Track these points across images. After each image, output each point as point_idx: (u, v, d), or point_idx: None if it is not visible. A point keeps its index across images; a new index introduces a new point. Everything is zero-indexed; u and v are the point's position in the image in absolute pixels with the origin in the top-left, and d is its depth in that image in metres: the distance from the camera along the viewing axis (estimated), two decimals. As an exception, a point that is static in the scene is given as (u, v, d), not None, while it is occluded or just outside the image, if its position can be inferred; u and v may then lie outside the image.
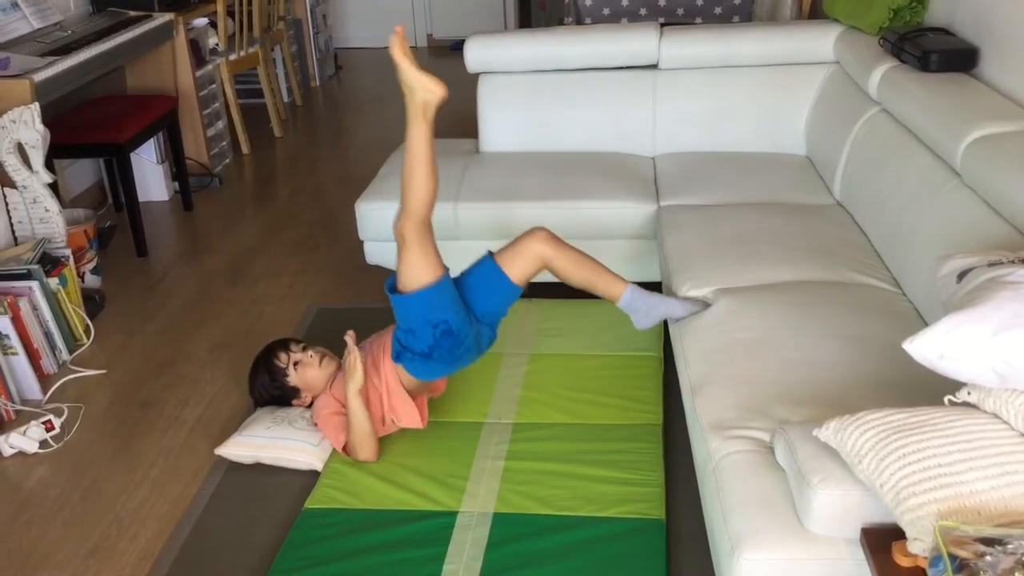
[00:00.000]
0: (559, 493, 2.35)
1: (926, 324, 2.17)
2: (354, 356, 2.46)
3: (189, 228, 4.35)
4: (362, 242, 3.36)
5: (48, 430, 2.75)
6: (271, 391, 2.67)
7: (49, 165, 3.38)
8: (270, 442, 2.54)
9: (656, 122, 3.57)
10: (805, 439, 1.70)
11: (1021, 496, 1.41)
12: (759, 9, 4.91)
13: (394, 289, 2.42)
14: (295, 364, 2.64)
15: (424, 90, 2.29)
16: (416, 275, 2.36)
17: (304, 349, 2.66)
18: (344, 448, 2.51)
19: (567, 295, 3.32)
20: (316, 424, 2.56)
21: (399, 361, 2.47)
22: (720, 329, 2.31)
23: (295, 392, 2.65)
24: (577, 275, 2.54)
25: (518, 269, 2.51)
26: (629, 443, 2.52)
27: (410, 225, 2.34)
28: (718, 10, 5.05)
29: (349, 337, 2.51)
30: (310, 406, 2.65)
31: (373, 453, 2.49)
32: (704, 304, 2.46)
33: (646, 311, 2.51)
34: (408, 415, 2.53)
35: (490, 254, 2.55)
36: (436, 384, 2.66)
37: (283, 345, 2.68)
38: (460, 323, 2.42)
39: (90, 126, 3.93)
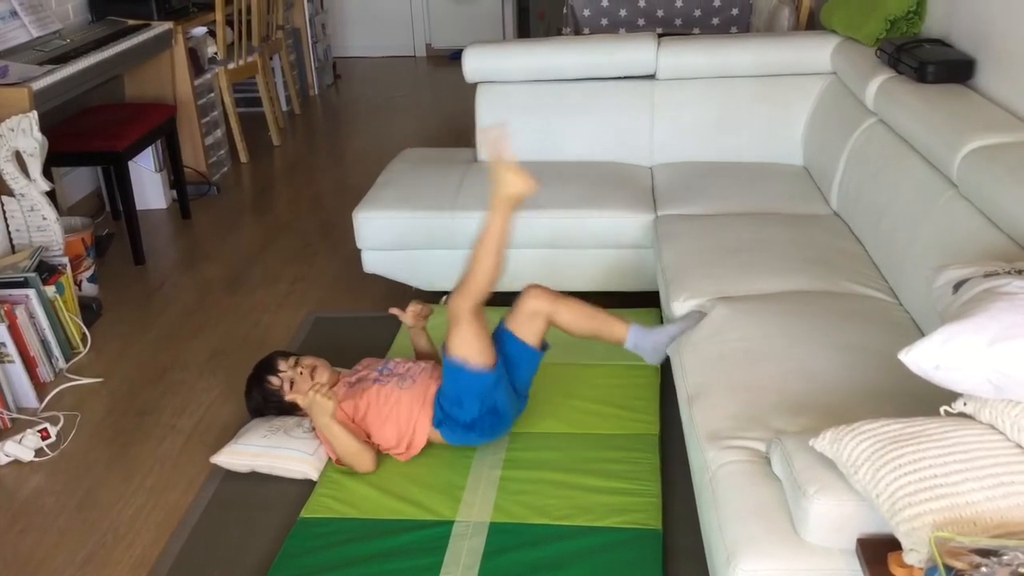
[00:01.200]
0: (555, 503, 2.35)
1: (923, 334, 2.17)
2: (316, 391, 2.45)
3: (187, 236, 4.35)
4: (360, 250, 3.36)
5: (44, 438, 2.74)
6: (269, 410, 2.67)
7: (47, 173, 3.38)
8: (265, 451, 2.53)
9: (654, 132, 3.58)
10: (801, 449, 1.70)
11: (1017, 507, 1.41)
12: (756, 20, 4.92)
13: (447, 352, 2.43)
14: (289, 383, 2.61)
15: (515, 187, 2.36)
16: (472, 349, 2.39)
17: (295, 364, 2.62)
18: (338, 460, 2.51)
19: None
20: (316, 434, 2.56)
21: (439, 428, 2.50)
22: (717, 339, 2.31)
23: (293, 408, 2.64)
24: (580, 327, 2.55)
25: (530, 332, 2.53)
26: (626, 453, 2.52)
27: (467, 305, 2.36)
28: (716, 21, 5.07)
29: (305, 368, 2.55)
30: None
31: (371, 464, 2.48)
32: (700, 314, 2.47)
33: (652, 347, 2.54)
34: (414, 452, 2.54)
35: (503, 326, 2.56)
36: None
37: (271, 368, 2.64)
38: (506, 402, 2.48)
39: (88, 134, 3.94)
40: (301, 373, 2.60)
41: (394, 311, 2.74)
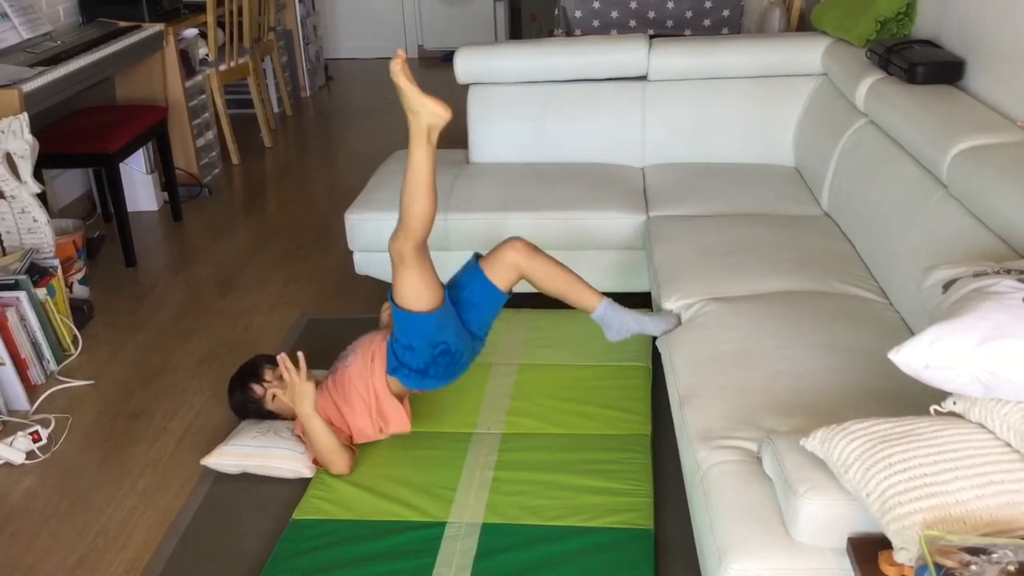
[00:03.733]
0: (548, 503, 2.35)
1: (912, 334, 2.18)
2: (296, 375, 2.46)
3: (178, 238, 4.34)
4: (351, 252, 3.36)
5: (35, 441, 2.74)
6: (249, 414, 2.68)
7: (38, 175, 3.38)
8: (256, 451, 2.53)
9: (645, 133, 3.58)
10: (792, 449, 1.71)
11: (1006, 505, 1.42)
12: (747, 22, 4.93)
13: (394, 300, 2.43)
14: (271, 395, 2.61)
15: (430, 114, 2.28)
16: (417, 296, 2.38)
17: (281, 375, 2.59)
18: (314, 460, 2.52)
19: (556, 305, 3.32)
20: (300, 437, 2.56)
21: (395, 375, 2.49)
22: (708, 340, 2.32)
23: (273, 415, 2.64)
24: (552, 285, 2.57)
25: (500, 277, 2.55)
26: (618, 453, 2.52)
27: (409, 246, 2.34)
28: (707, 22, 5.08)
29: (282, 359, 2.51)
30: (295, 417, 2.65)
31: (346, 466, 2.48)
32: (677, 320, 2.48)
33: (618, 326, 2.56)
34: (398, 421, 2.54)
35: (476, 260, 2.56)
36: None
37: (256, 375, 2.63)
38: (458, 342, 2.47)
39: (79, 136, 3.93)
40: (285, 387, 2.59)
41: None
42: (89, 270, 3.72)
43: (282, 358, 2.52)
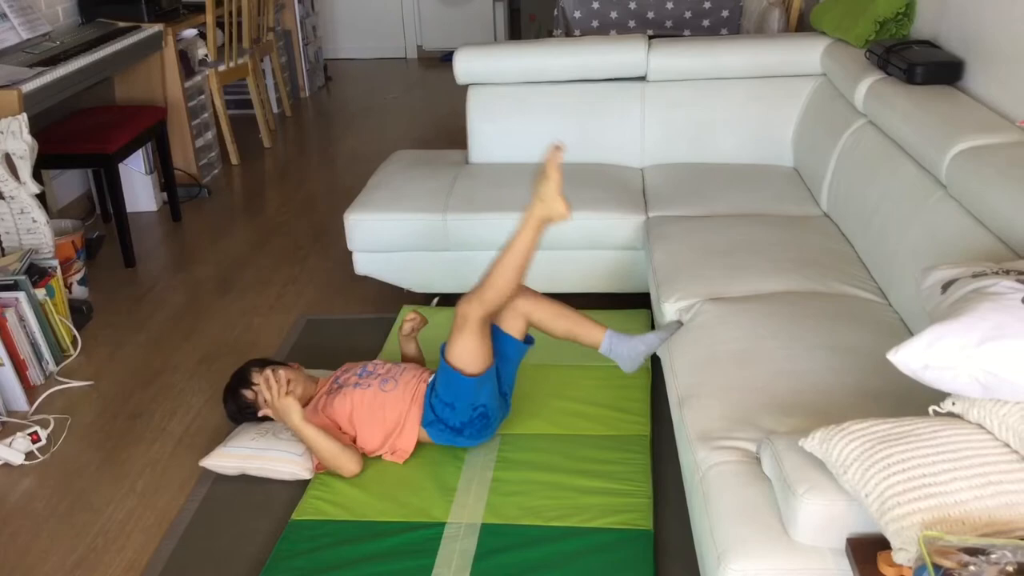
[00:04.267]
0: (547, 504, 2.35)
1: (911, 335, 2.18)
2: (274, 393, 2.44)
3: (177, 239, 4.34)
4: (351, 253, 3.36)
5: (34, 441, 2.74)
6: (245, 420, 2.67)
7: (37, 176, 3.38)
8: (255, 453, 2.53)
9: (644, 133, 3.58)
10: (791, 449, 1.71)
11: (1005, 506, 1.42)
12: (746, 22, 4.93)
13: (445, 355, 2.44)
14: (263, 399, 2.59)
15: (554, 210, 2.36)
16: (472, 360, 2.40)
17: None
18: (318, 466, 2.51)
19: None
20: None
21: (428, 428, 2.50)
22: (707, 340, 2.32)
23: (268, 419, 2.64)
24: (558, 327, 2.57)
25: (514, 327, 2.54)
26: (617, 454, 2.52)
27: (478, 313, 2.36)
28: (706, 23, 5.08)
29: (264, 378, 2.51)
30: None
31: (356, 465, 2.48)
32: (678, 323, 2.49)
33: (628, 354, 2.56)
34: (401, 455, 2.54)
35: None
36: None
37: (246, 380, 2.62)
38: (495, 407, 2.50)
39: (78, 137, 3.93)
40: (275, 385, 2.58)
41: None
42: (88, 271, 3.72)
43: (264, 377, 2.51)
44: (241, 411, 2.64)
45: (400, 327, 2.79)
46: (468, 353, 2.39)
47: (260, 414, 2.60)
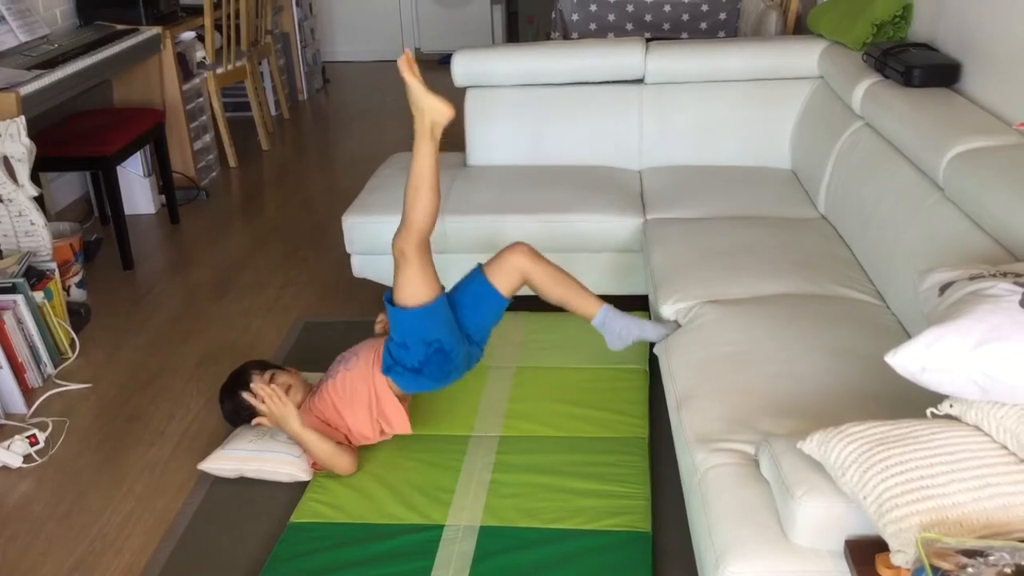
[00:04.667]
0: (546, 506, 2.35)
1: (909, 337, 2.18)
2: (272, 401, 2.45)
3: (176, 241, 4.34)
4: (349, 255, 3.36)
5: (32, 444, 2.74)
6: (242, 421, 2.66)
7: (35, 178, 3.38)
8: (252, 455, 2.53)
9: (642, 136, 3.59)
10: (789, 451, 1.71)
11: (1003, 508, 1.42)
12: (744, 25, 4.94)
13: (392, 301, 2.44)
14: (261, 400, 2.58)
15: (433, 111, 2.34)
16: (414, 292, 2.40)
17: (270, 380, 2.59)
18: (314, 465, 2.51)
19: (553, 308, 3.32)
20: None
21: (388, 374, 2.49)
22: (705, 342, 2.32)
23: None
24: (553, 291, 2.59)
25: (503, 282, 2.56)
26: (615, 456, 2.53)
27: (411, 242, 2.37)
28: (704, 25, 5.08)
29: (258, 387, 2.52)
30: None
31: (351, 465, 2.48)
32: (676, 325, 2.49)
33: (619, 332, 2.57)
34: (399, 422, 2.54)
35: (480, 268, 2.58)
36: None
37: (244, 382, 2.61)
38: (452, 342, 2.47)
39: (76, 139, 3.93)
40: (274, 390, 2.58)
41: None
42: (86, 273, 3.72)
43: (257, 387, 2.51)
44: (238, 412, 2.64)
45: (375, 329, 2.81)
46: (411, 285, 2.39)
47: (254, 423, 2.59)
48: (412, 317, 2.41)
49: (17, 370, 2.98)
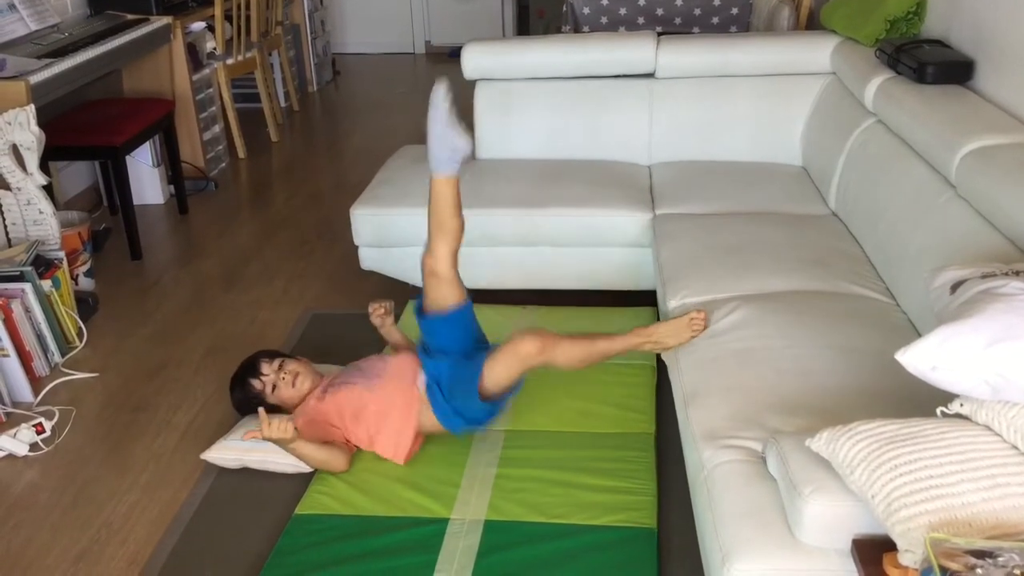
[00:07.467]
0: (551, 501, 2.35)
1: (920, 335, 2.17)
2: (267, 428, 2.36)
3: (184, 232, 4.34)
4: (357, 247, 3.35)
5: (39, 433, 2.74)
6: (251, 410, 2.65)
7: (44, 167, 3.38)
8: (256, 445, 2.52)
9: (652, 131, 3.57)
10: (797, 449, 1.70)
11: (1012, 509, 1.41)
12: (756, 20, 4.92)
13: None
14: (272, 386, 2.60)
15: (680, 339, 2.40)
16: (499, 383, 2.44)
17: (280, 367, 2.60)
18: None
19: (559, 302, 3.32)
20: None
21: (446, 424, 2.49)
22: (713, 339, 2.31)
23: (277, 409, 2.63)
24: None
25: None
26: (622, 452, 2.52)
27: (541, 360, 2.39)
28: (715, 20, 5.06)
29: (288, 374, 2.57)
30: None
31: (345, 464, 2.47)
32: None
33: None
34: (398, 448, 2.50)
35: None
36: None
37: (254, 370, 2.62)
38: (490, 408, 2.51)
39: (86, 129, 3.93)
40: (284, 378, 2.59)
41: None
42: (94, 263, 3.72)
43: (264, 421, 2.36)
44: (248, 400, 2.63)
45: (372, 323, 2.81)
46: (503, 378, 2.41)
47: (245, 437, 2.49)
48: (481, 408, 2.45)
49: (24, 358, 2.99)
